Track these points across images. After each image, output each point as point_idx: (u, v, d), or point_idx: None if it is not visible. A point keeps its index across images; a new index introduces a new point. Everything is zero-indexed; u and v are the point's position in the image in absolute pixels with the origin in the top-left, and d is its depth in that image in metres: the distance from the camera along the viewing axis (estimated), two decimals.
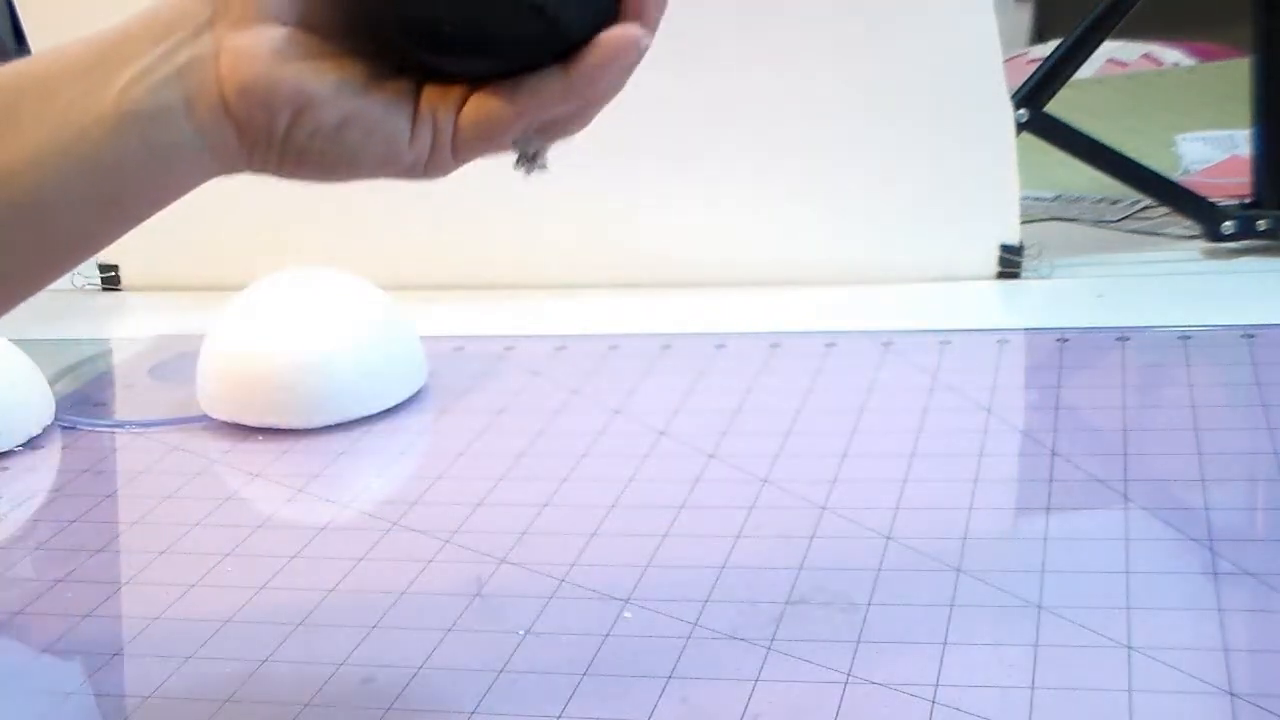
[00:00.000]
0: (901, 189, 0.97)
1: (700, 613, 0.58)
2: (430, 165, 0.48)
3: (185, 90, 0.47)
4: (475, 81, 0.47)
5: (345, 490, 0.74)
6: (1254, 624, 0.55)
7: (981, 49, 0.93)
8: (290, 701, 0.55)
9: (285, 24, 0.47)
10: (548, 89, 0.48)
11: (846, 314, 0.93)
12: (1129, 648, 0.53)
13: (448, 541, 0.66)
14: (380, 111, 0.46)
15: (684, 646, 0.56)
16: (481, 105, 0.47)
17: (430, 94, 0.47)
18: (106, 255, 1.13)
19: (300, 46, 0.47)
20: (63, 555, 0.69)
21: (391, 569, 0.64)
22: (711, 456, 0.72)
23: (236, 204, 1.09)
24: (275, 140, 0.47)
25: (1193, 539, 0.60)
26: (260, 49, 0.46)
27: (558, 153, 0.53)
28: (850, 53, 0.95)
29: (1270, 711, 0.48)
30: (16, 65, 0.50)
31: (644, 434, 0.76)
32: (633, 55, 0.49)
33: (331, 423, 0.80)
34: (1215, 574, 0.57)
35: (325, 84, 0.46)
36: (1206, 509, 0.62)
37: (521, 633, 0.58)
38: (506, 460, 0.74)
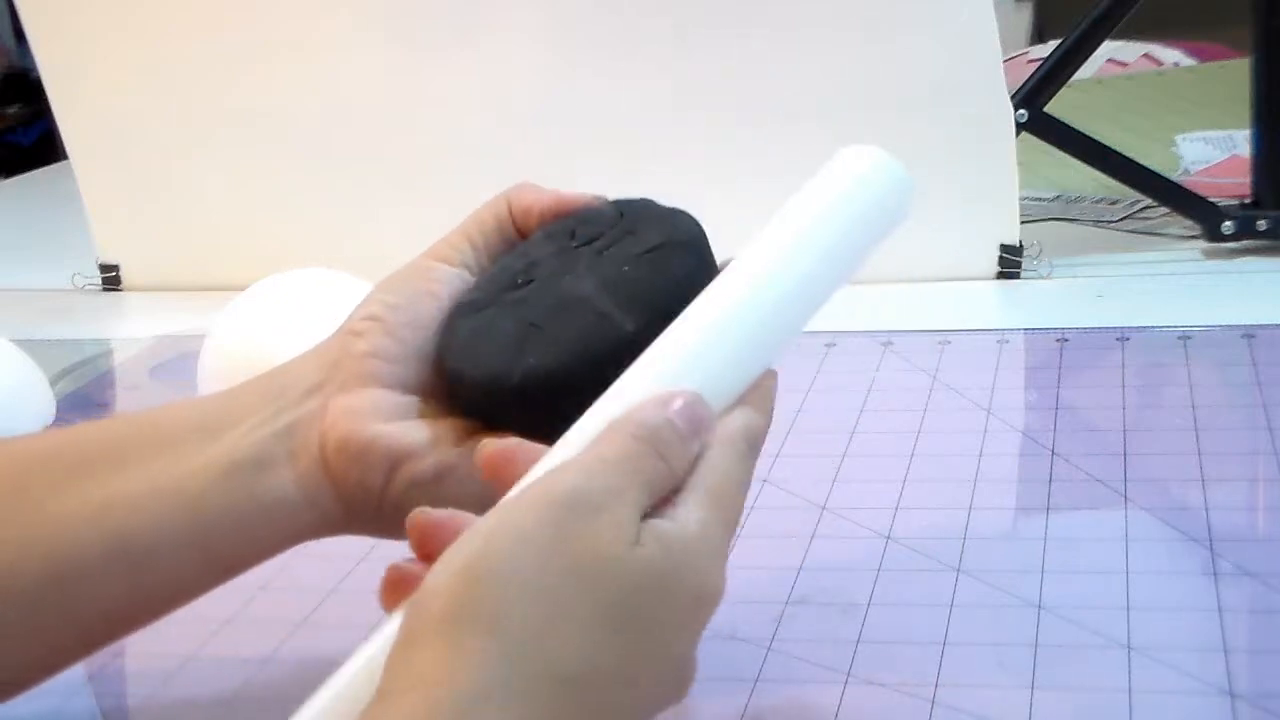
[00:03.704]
0: None
1: None
2: None
3: (290, 445, 0.48)
4: None
5: None
6: (1254, 624, 0.55)
7: (981, 49, 0.93)
8: (291, 701, 0.55)
9: (390, 388, 0.49)
10: None
11: (846, 314, 0.93)
12: (1129, 648, 0.53)
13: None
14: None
15: None
16: None
17: None
18: (106, 255, 1.13)
19: (401, 407, 0.49)
20: None
21: None
22: None
23: (236, 204, 1.09)
24: (373, 496, 0.48)
25: (1193, 539, 0.60)
26: (362, 407, 0.48)
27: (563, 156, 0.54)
28: (850, 53, 0.95)
29: (1270, 711, 0.48)
30: (126, 414, 0.52)
31: None
32: None
33: None
34: (1215, 574, 0.57)
35: (421, 438, 0.48)
36: (1206, 509, 0.62)
37: None
38: None
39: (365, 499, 0.48)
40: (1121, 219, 1.06)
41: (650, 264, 0.50)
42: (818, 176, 0.53)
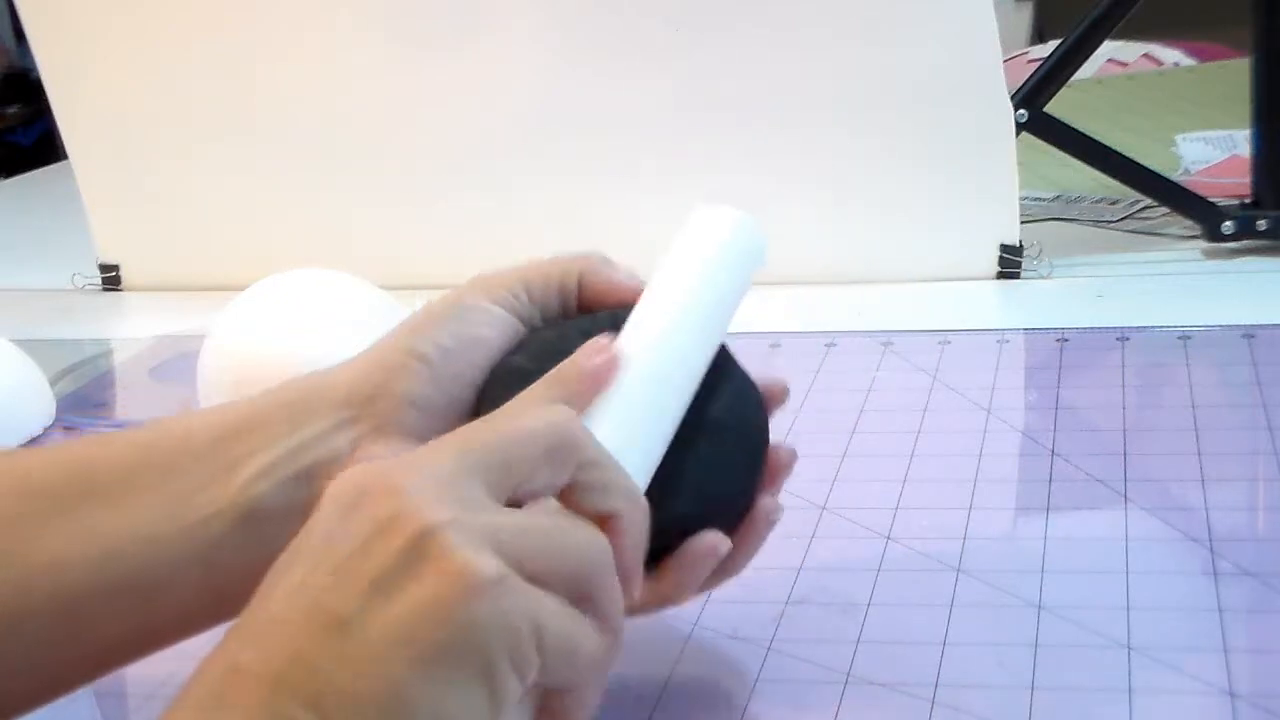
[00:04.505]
0: (902, 189, 0.97)
1: (700, 613, 0.58)
2: None
3: (310, 491, 0.46)
4: None
5: None
6: (1254, 624, 0.55)
7: (981, 49, 0.93)
8: None
9: (423, 442, 0.46)
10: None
11: (846, 314, 0.93)
12: (1129, 648, 0.53)
13: None
14: None
15: (684, 646, 0.56)
16: None
17: None
18: (106, 255, 1.13)
19: None
20: None
21: None
22: None
23: (236, 204, 1.09)
24: None
25: (1193, 539, 0.60)
26: None
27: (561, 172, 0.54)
28: (850, 53, 0.95)
29: (1270, 711, 0.48)
30: (137, 434, 0.49)
31: None
32: (769, 530, 0.53)
33: None
34: (1215, 574, 0.57)
35: None
36: (1206, 509, 0.62)
37: None
38: None
39: None
40: (1121, 219, 1.06)
41: (713, 447, 0.50)
42: (691, 244, 0.53)
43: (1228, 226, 0.96)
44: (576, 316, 0.53)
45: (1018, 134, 0.95)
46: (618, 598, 0.41)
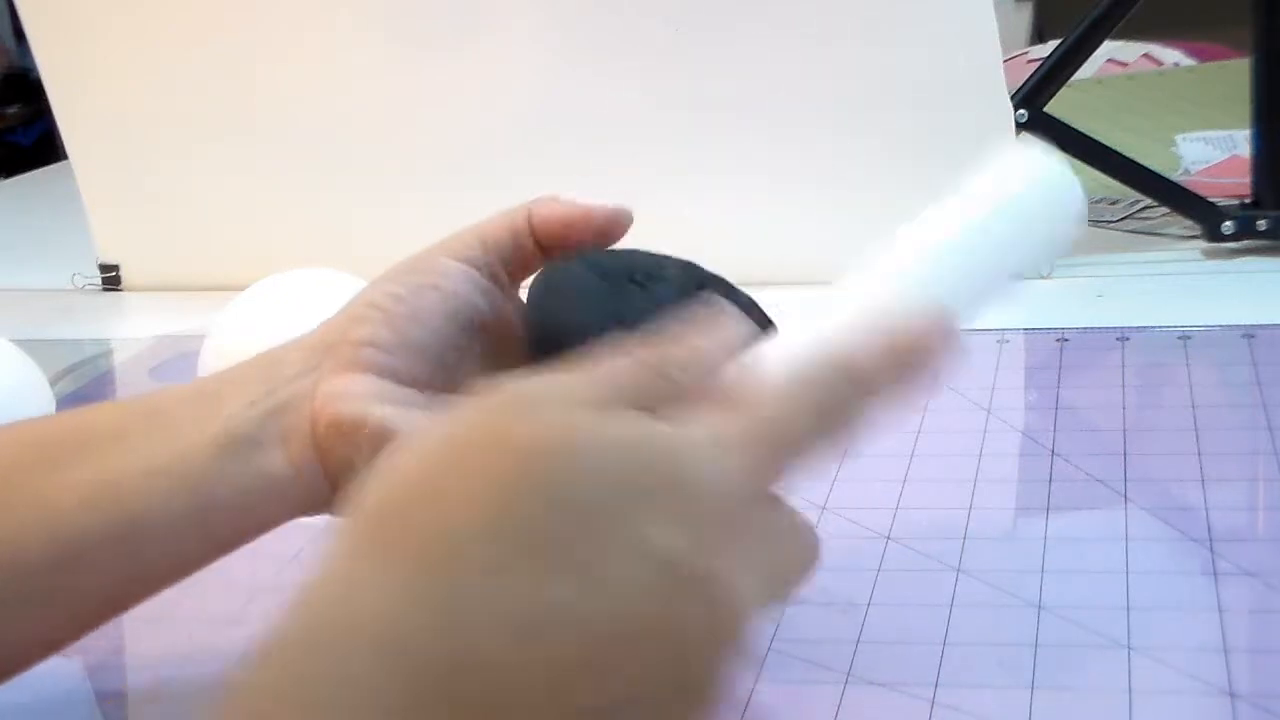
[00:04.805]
0: (902, 189, 0.97)
1: None
2: None
3: (282, 423, 0.49)
4: None
5: None
6: (1254, 624, 0.55)
7: (981, 49, 0.93)
8: None
9: (383, 377, 0.50)
10: None
11: None
12: (1129, 648, 0.53)
13: None
14: None
15: None
16: None
17: None
18: (106, 255, 1.13)
19: (394, 394, 0.49)
20: None
21: None
22: None
23: (236, 204, 1.09)
24: (359, 475, 0.45)
25: (1193, 539, 0.60)
26: (353, 391, 0.49)
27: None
28: (850, 53, 0.95)
29: (1270, 711, 0.48)
30: (129, 397, 0.54)
31: None
32: None
33: None
34: (1215, 574, 0.57)
35: (409, 423, 0.48)
36: (1206, 509, 0.62)
37: None
38: None
39: (352, 477, 0.48)
40: (1121, 219, 1.06)
41: None
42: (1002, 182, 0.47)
43: (1228, 226, 0.96)
44: (574, 261, 0.53)
45: (1018, 134, 0.95)
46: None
